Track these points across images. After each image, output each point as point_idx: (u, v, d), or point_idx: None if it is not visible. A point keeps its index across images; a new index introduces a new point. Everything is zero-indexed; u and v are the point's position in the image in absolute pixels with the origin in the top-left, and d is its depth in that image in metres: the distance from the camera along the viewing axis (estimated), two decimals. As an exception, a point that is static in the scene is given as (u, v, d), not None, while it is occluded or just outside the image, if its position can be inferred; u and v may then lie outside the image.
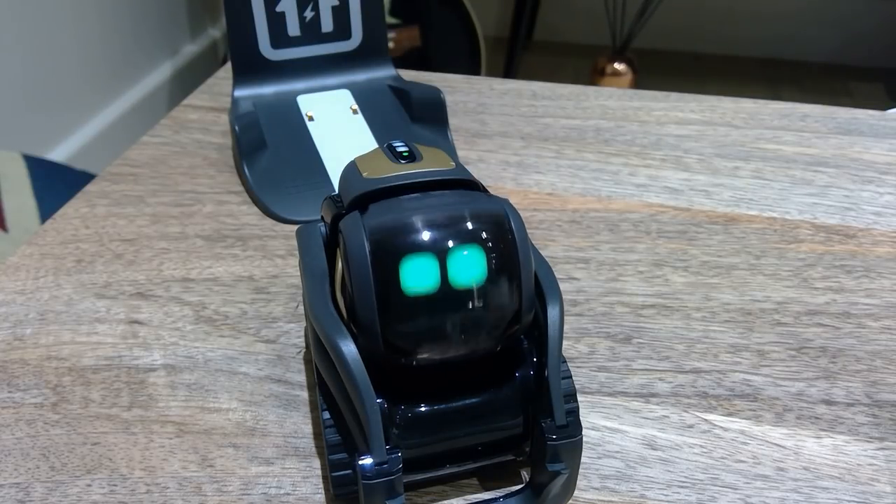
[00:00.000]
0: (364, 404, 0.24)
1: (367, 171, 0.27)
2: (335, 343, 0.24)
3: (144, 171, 0.49)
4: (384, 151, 0.29)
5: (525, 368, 0.27)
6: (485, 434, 0.27)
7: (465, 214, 0.24)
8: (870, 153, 0.51)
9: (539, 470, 0.27)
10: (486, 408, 0.27)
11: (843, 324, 0.37)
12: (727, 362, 0.35)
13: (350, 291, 0.24)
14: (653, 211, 0.45)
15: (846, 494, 0.29)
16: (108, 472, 0.30)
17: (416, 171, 0.27)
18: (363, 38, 0.52)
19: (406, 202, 0.25)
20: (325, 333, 0.25)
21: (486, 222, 0.24)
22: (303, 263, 0.29)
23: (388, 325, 0.24)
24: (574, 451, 0.26)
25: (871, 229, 0.44)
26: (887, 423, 0.32)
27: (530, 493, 0.27)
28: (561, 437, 0.25)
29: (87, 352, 0.36)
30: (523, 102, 0.58)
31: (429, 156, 0.28)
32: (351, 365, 0.24)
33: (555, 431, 0.25)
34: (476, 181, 0.27)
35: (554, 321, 0.26)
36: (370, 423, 0.24)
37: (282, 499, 0.29)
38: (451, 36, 1.61)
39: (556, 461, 0.26)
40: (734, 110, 0.56)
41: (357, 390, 0.24)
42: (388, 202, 0.26)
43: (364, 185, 0.27)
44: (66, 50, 1.32)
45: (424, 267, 0.23)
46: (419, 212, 0.24)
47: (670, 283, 0.40)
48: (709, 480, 0.30)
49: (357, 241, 0.24)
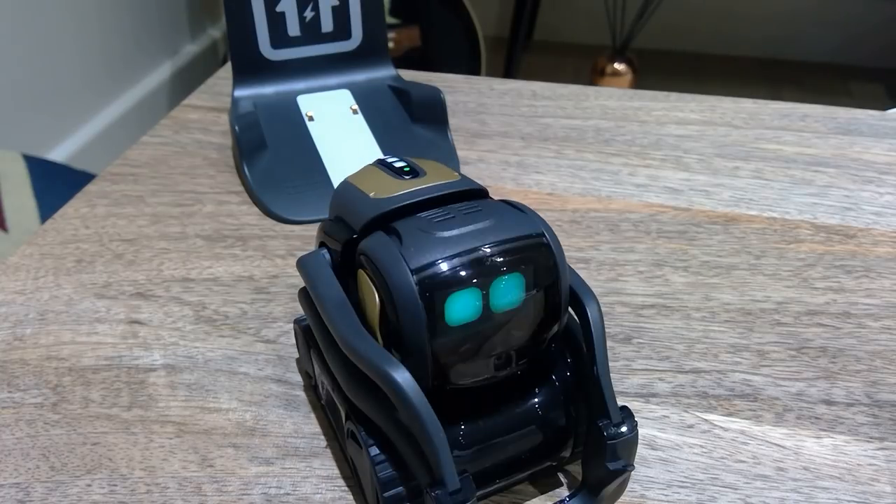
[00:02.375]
0: (430, 433, 0.23)
1: (374, 191, 0.27)
2: (389, 375, 0.23)
3: (144, 171, 0.49)
4: (380, 168, 0.29)
5: (561, 371, 0.28)
6: (534, 439, 0.27)
7: (507, 242, 0.24)
8: (870, 153, 0.51)
9: (597, 469, 0.26)
10: (532, 414, 0.27)
11: (843, 324, 0.37)
12: (727, 362, 0.35)
13: (396, 322, 0.24)
14: (653, 211, 0.45)
15: (846, 494, 0.29)
16: (108, 472, 0.30)
17: (426, 186, 0.27)
18: (363, 38, 0.52)
19: (438, 228, 0.25)
20: (375, 366, 0.24)
21: (526, 247, 0.25)
22: (316, 295, 0.27)
23: (437, 355, 0.24)
24: (632, 447, 0.26)
25: (871, 229, 0.44)
26: (887, 424, 0.32)
27: (587, 493, 0.27)
28: (619, 435, 0.26)
29: (87, 352, 0.36)
30: (523, 102, 0.58)
31: (430, 169, 0.28)
32: (411, 395, 0.23)
33: (612, 430, 0.26)
34: (484, 190, 0.28)
35: (597, 322, 0.26)
36: (439, 452, 0.23)
37: (282, 499, 0.29)
38: (451, 36, 1.61)
39: (616, 459, 0.26)
40: (734, 110, 0.56)
41: (420, 420, 0.23)
42: (417, 227, 0.25)
43: (378, 205, 0.26)
44: (66, 50, 1.32)
45: (469, 299, 0.24)
46: (461, 243, 0.24)
47: (670, 283, 0.40)
48: (709, 480, 0.29)
49: (400, 274, 0.24)
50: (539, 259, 0.25)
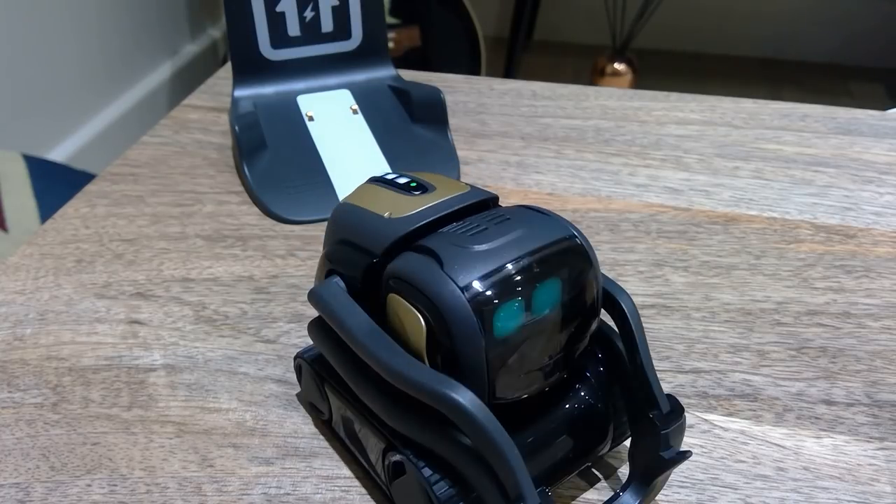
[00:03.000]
0: (505, 452, 0.22)
1: (387, 211, 0.27)
2: (451, 398, 0.23)
3: (144, 171, 0.49)
4: (382, 186, 0.28)
5: (595, 368, 0.28)
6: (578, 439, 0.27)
7: (545, 248, 0.24)
8: (870, 153, 0.51)
9: (650, 460, 0.27)
10: (575, 414, 0.27)
11: (843, 324, 0.37)
12: (727, 362, 0.35)
13: (449, 343, 0.24)
14: (653, 211, 0.45)
15: (846, 494, 0.29)
16: (108, 472, 0.30)
17: (442, 201, 0.27)
18: (363, 38, 0.52)
19: (473, 241, 0.24)
20: (433, 390, 0.23)
21: (564, 251, 0.25)
22: (342, 325, 0.26)
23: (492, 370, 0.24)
24: (682, 433, 0.27)
25: (871, 229, 0.44)
26: (887, 423, 0.32)
27: (638, 484, 0.27)
28: (672, 423, 0.26)
29: (87, 352, 0.36)
30: (523, 102, 0.58)
31: (437, 182, 0.28)
32: (479, 416, 0.22)
33: (663, 419, 0.26)
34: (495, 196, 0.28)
35: (633, 313, 0.26)
36: (517, 470, 0.22)
37: (282, 499, 0.29)
38: (451, 36, 1.61)
39: (670, 447, 0.26)
40: (734, 110, 0.56)
41: (492, 439, 0.22)
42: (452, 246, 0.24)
43: (400, 225, 0.26)
44: (66, 50, 1.32)
45: (514, 310, 0.24)
46: (501, 254, 0.24)
47: (670, 283, 0.40)
48: (709, 480, 0.30)
49: (452, 294, 0.23)
50: (576, 260, 0.25)
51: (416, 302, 0.24)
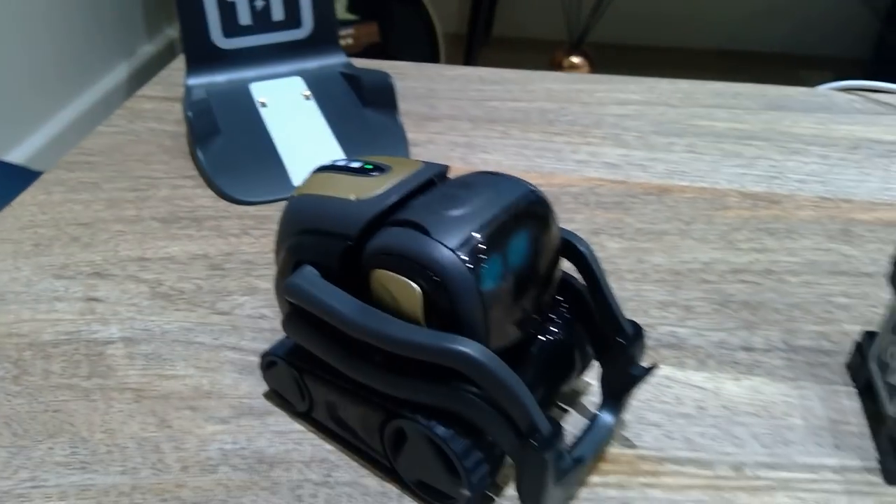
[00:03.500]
0: (515, 389, 0.24)
1: (353, 194, 0.28)
2: (461, 350, 0.24)
3: (100, 159, 0.50)
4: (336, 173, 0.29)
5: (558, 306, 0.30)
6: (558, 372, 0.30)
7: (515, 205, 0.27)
8: (798, 126, 0.54)
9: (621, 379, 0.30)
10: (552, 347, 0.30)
11: (765, 280, 0.40)
12: (656, 317, 0.37)
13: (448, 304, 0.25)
14: (592, 184, 0.48)
15: (761, 428, 0.32)
16: (69, 436, 0.31)
17: (404, 178, 0.28)
18: (314, 26, 0.54)
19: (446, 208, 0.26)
20: (442, 348, 0.24)
21: (530, 204, 0.27)
22: (328, 309, 0.27)
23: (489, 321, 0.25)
24: (643, 351, 0.30)
25: (795, 195, 0.46)
26: (802, 366, 0.35)
27: (612, 402, 0.30)
28: (636, 343, 0.29)
29: (46, 328, 0.37)
30: (471, 87, 0.60)
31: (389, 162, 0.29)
32: (488, 362, 0.24)
33: (629, 341, 0.29)
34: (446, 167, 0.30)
35: (591, 255, 0.30)
36: (528, 404, 0.24)
37: (237, 453, 0.31)
38: (410, 32, 1.63)
39: (637, 364, 0.30)
40: (671, 90, 0.59)
41: (503, 379, 0.24)
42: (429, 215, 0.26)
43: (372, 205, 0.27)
44: (19, 52, 1.31)
45: (497, 264, 0.25)
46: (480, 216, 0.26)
47: (606, 248, 0.42)
48: (635, 420, 0.32)
49: (446, 257, 0.25)
50: (540, 212, 0.27)
51: (409, 271, 0.25)
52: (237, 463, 0.30)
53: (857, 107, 0.56)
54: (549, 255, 0.28)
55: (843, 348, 0.36)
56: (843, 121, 0.55)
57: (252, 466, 0.30)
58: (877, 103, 0.57)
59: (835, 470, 0.30)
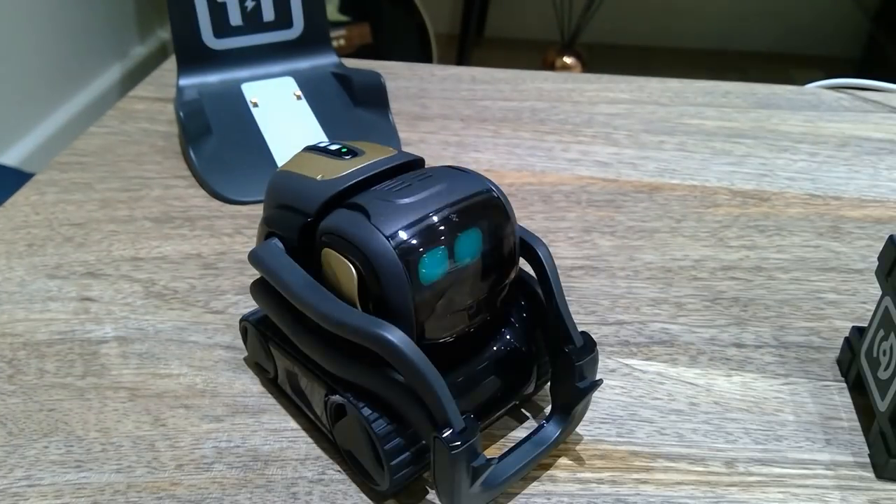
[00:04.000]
0: (431, 382, 0.25)
1: (320, 174, 0.29)
2: (383, 336, 0.25)
3: (92, 160, 0.50)
4: (316, 154, 0.30)
5: (518, 314, 0.30)
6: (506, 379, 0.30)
7: (464, 200, 0.27)
8: (786, 124, 0.54)
9: (568, 391, 0.29)
10: (502, 356, 0.29)
11: (755, 276, 0.40)
12: (647, 314, 0.37)
13: (378, 288, 0.26)
14: (583, 183, 0.48)
15: (753, 424, 0.32)
16: (64, 434, 0.31)
17: (370, 162, 0.29)
18: (305, 26, 0.54)
19: (398, 196, 0.26)
20: (367, 331, 0.25)
21: (481, 203, 0.27)
22: (281, 282, 0.28)
23: (418, 312, 0.26)
24: (595, 366, 0.29)
25: (785, 192, 0.47)
26: (793, 362, 0.35)
27: (560, 415, 0.30)
28: (584, 356, 0.28)
29: (40, 328, 0.37)
30: (463, 87, 0.60)
31: (367, 148, 0.30)
32: (408, 351, 0.25)
33: (577, 353, 0.28)
34: (421, 158, 0.30)
35: (548, 259, 0.29)
36: (442, 398, 0.25)
37: (232, 451, 0.31)
38: (402, 33, 1.63)
39: (584, 378, 0.29)
40: (661, 90, 0.59)
41: (420, 371, 0.25)
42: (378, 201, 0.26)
43: (331, 186, 0.28)
44: (11, 55, 1.31)
45: (438, 257, 0.26)
46: (424, 206, 0.26)
47: (598, 246, 0.42)
48: (627, 416, 0.32)
49: (377, 241, 0.25)
50: (492, 212, 0.27)
51: (348, 253, 0.26)
52: (232, 461, 0.30)
53: (846, 105, 0.57)
54: (500, 254, 0.27)
55: (833, 344, 0.36)
56: (831, 119, 0.55)
57: (247, 464, 0.30)
58: (865, 101, 0.58)
59: (826, 465, 0.30)
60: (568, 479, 0.30)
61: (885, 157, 0.50)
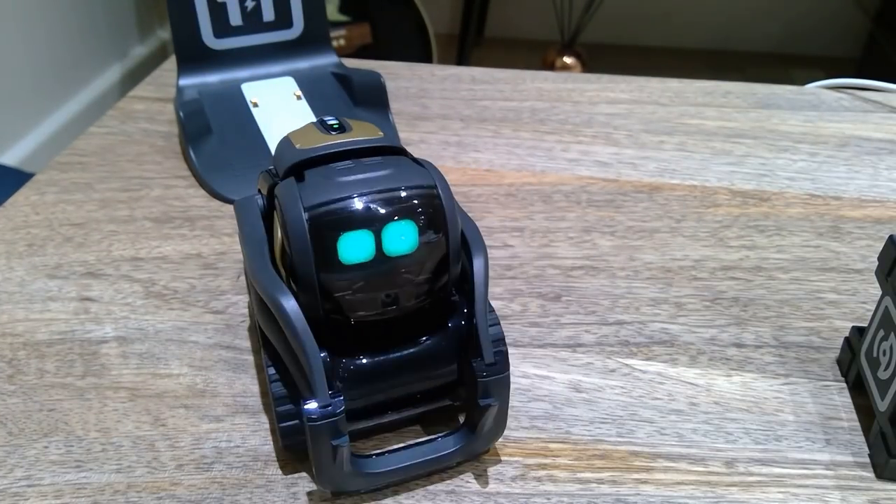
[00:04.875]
0: (306, 351, 0.26)
1: (300, 143, 0.30)
2: (276, 299, 0.26)
3: (92, 160, 0.50)
4: (315, 126, 0.31)
5: (457, 318, 0.29)
6: (423, 381, 0.29)
7: (398, 189, 0.27)
8: (786, 124, 0.54)
9: (473, 407, 0.28)
10: (424, 356, 0.29)
11: (755, 276, 0.40)
12: (647, 314, 0.37)
13: (290, 255, 0.26)
14: (583, 183, 0.48)
15: (753, 424, 0.32)
16: (64, 434, 0.31)
17: (345, 140, 0.29)
18: (305, 26, 0.54)
19: (339, 174, 0.27)
20: (267, 292, 0.27)
21: (417, 195, 0.27)
22: (242, 233, 0.30)
23: (327, 289, 0.26)
24: (502, 386, 0.28)
25: (784, 192, 0.47)
26: (792, 362, 0.35)
27: (466, 430, 0.29)
28: (490, 374, 0.27)
29: (40, 328, 0.37)
30: (463, 87, 0.60)
31: (358, 127, 0.31)
32: (291, 317, 0.26)
33: (484, 369, 0.28)
34: (402, 148, 0.30)
35: (479, 272, 0.28)
36: (312, 368, 0.26)
37: (232, 451, 0.31)
38: (402, 33, 1.63)
39: (487, 396, 0.28)
40: (661, 90, 0.59)
41: (298, 339, 0.26)
42: (322, 173, 0.27)
43: (296, 154, 0.29)
44: (11, 54, 1.31)
45: (361, 241, 0.26)
46: (354, 187, 0.26)
47: (598, 246, 0.42)
48: (628, 416, 0.32)
49: (295, 211, 0.26)
50: (429, 209, 0.27)
51: (279, 217, 0.28)
52: (232, 461, 0.30)
53: (846, 105, 0.57)
54: (432, 253, 0.27)
55: (833, 344, 0.36)
56: (831, 119, 0.55)
57: (247, 464, 0.30)
58: (865, 101, 0.58)
59: (826, 465, 0.30)
60: (568, 479, 0.30)
61: (885, 157, 0.50)
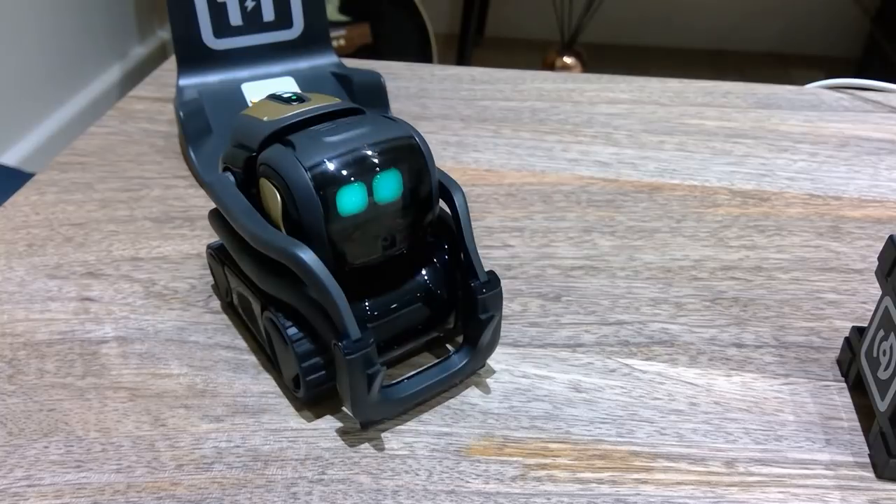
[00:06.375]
0: (332, 294, 0.28)
1: (266, 116, 0.31)
2: (294, 254, 0.28)
3: (92, 160, 0.50)
4: (271, 100, 0.33)
5: (440, 255, 0.33)
6: (423, 312, 0.32)
7: (383, 142, 0.30)
8: (786, 125, 0.54)
9: (472, 324, 0.32)
10: (420, 290, 0.32)
11: (755, 276, 0.40)
12: (647, 314, 0.37)
13: (297, 214, 0.29)
14: (583, 183, 0.48)
15: (753, 424, 0.32)
16: (64, 434, 0.31)
17: (311, 107, 0.31)
18: (304, 26, 0.54)
19: (326, 135, 0.29)
20: (284, 249, 0.28)
21: (399, 146, 0.30)
22: (225, 208, 0.31)
23: (332, 238, 0.29)
24: (497, 300, 0.32)
25: (785, 192, 0.47)
26: (793, 362, 0.35)
27: (468, 347, 0.33)
28: (488, 290, 0.31)
29: (40, 328, 0.37)
30: (463, 87, 0.60)
31: (314, 96, 0.33)
32: (313, 266, 0.28)
33: (481, 287, 0.31)
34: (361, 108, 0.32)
35: (461, 205, 0.32)
36: (340, 308, 0.28)
37: (232, 451, 0.31)
38: (403, 33, 1.63)
39: (486, 311, 0.31)
40: (661, 89, 0.59)
41: (322, 284, 0.28)
42: (310, 136, 0.30)
43: (271, 125, 0.31)
44: (11, 55, 1.31)
45: (356, 192, 0.29)
46: (344, 145, 0.29)
47: (598, 246, 0.42)
48: (628, 416, 0.32)
49: (297, 172, 0.28)
50: (410, 157, 0.30)
51: (275, 181, 0.29)
52: (232, 461, 0.30)
53: (846, 105, 0.57)
54: (418, 196, 0.30)
55: (833, 344, 0.36)
56: (831, 119, 0.55)
57: (247, 464, 0.30)
58: (865, 101, 0.58)
59: (826, 465, 0.30)
60: (568, 479, 0.30)
61: (885, 157, 0.50)
